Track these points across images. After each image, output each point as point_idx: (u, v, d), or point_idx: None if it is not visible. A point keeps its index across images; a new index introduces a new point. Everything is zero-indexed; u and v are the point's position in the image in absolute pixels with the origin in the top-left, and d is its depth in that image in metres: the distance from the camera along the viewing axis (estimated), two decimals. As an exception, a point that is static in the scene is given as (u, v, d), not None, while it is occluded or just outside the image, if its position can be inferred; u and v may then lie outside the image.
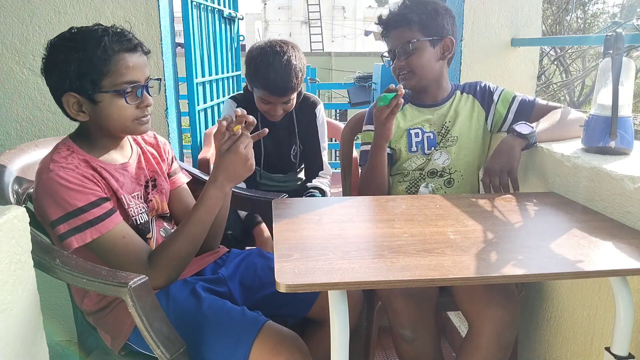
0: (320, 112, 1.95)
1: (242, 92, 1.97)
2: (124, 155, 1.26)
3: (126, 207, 1.20)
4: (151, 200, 1.29)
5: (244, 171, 1.16)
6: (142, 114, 1.17)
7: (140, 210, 1.24)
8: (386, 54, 1.62)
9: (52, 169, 1.09)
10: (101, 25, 1.14)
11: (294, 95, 1.79)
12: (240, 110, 1.15)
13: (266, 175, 1.96)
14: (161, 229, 1.31)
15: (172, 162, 1.41)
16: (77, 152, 1.16)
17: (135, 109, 1.16)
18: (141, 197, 1.26)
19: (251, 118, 1.16)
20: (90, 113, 1.14)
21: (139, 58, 1.16)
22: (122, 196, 1.20)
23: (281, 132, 1.86)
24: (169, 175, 1.38)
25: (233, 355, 1.07)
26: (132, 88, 1.13)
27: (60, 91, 1.13)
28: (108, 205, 1.12)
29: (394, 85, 1.38)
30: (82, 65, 1.10)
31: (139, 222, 1.23)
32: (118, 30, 1.14)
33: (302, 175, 2.05)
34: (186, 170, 1.50)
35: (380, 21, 1.60)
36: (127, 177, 1.23)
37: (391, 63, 1.59)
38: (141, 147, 1.33)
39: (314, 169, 1.96)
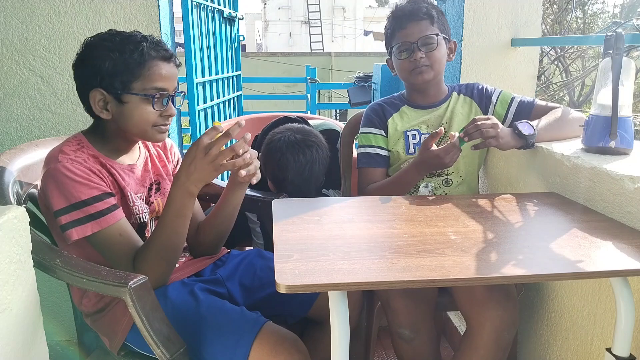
0: (339, 138, 1.92)
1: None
2: (132, 157, 1.27)
3: (131, 205, 1.21)
4: (152, 202, 1.29)
5: (206, 168, 1.08)
6: (163, 122, 1.20)
7: (144, 209, 1.25)
8: (398, 45, 1.53)
9: (60, 159, 1.11)
10: (139, 32, 1.18)
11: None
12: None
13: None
14: None
15: (178, 163, 1.41)
16: (87, 147, 1.18)
17: (158, 117, 1.18)
18: (143, 199, 1.26)
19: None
20: (113, 112, 1.16)
21: (172, 68, 1.18)
22: (128, 193, 1.20)
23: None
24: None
25: (232, 356, 1.07)
26: (160, 95, 1.16)
27: (89, 86, 1.15)
28: (112, 201, 1.13)
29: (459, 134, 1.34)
30: (117, 65, 1.12)
31: (141, 221, 1.24)
32: (156, 39, 1.17)
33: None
34: None
35: (398, 11, 1.55)
36: (133, 179, 1.24)
37: (404, 56, 1.52)
38: (149, 150, 1.33)
39: (332, 187, 1.96)
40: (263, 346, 1.07)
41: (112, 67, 1.12)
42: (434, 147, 1.39)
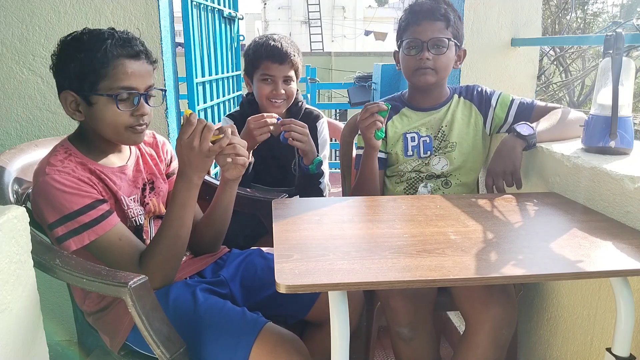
0: (323, 126, 1.90)
1: (238, 108, 1.95)
2: (122, 158, 1.26)
3: (126, 208, 1.20)
4: (148, 203, 1.29)
5: (198, 158, 1.12)
6: (137, 122, 1.16)
7: (139, 212, 1.24)
8: (408, 41, 1.52)
9: (48, 172, 1.10)
10: (113, 29, 1.15)
11: (293, 73, 1.78)
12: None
13: (263, 189, 1.93)
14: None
15: (171, 161, 1.41)
16: (74, 154, 1.16)
17: (130, 117, 1.15)
18: (138, 200, 1.26)
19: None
20: (85, 114, 1.15)
21: (140, 66, 1.15)
22: (121, 197, 1.20)
23: (281, 145, 1.85)
24: (168, 175, 1.38)
25: (233, 357, 1.07)
26: (128, 95, 1.14)
27: (61, 88, 1.15)
28: (105, 207, 1.12)
29: (385, 105, 1.40)
30: (83, 66, 1.11)
31: (138, 224, 1.23)
32: (125, 35, 1.15)
33: None
34: None
35: (416, 6, 1.52)
36: (125, 180, 1.23)
37: (412, 52, 1.51)
38: (140, 149, 1.32)
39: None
40: (263, 347, 1.07)
41: (79, 68, 1.11)
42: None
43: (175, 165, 1.42)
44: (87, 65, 1.11)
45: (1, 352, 0.82)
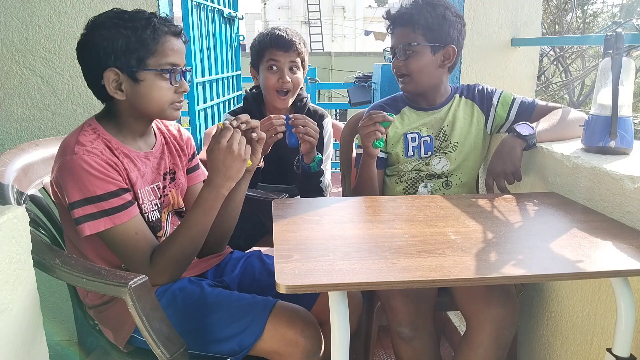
0: (328, 125, 1.90)
1: (241, 105, 1.95)
2: (149, 143, 1.26)
3: (140, 202, 1.20)
4: (167, 194, 1.28)
5: (236, 162, 1.13)
6: (178, 99, 1.19)
7: (153, 207, 1.24)
8: (388, 49, 1.58)
9: (77, 151, 1.09)
10: (143, 9, 1.17)
11: (299, 60, 1.79)
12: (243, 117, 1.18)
13: (266, 187, 1.93)
14: (175, 227, 1.31)
15: (193, 157, 1.40)
16: (102, 134, 1.16)
17: (174, 93, 1.17)
18: (160, 189, 1.26)
19: (255, 122, 1.19)
20: (128, 92, 1.14)
21: (182, 44, 1.19)
22: (137, 190, 1.19)
23: (285, 143, 1.84)
24: (189, 171, 1.38)
25: (248, 332, 1.10)
26: (174, 70, 1.16)
27: (101, 67, 1.12)
28: (127, 197, 1.12)
29: (391, 117, 1.39)
30: (131, 42, 1.11)
31: (150, 220, 1.22)
32: (165, 15, 1.18)
33: None
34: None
35: (388, 16, 1.56)
36: (149, 167, 1.23)
37: (391, 60, 1.56)
38: (165, 137, 1.32)
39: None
40: (279, 318, 1.11)
41: (126, 45, 1.10)
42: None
43: (197, 161, 1.41)
44: (137, 40, 1.11)
45: (1, 352, 0.82)
